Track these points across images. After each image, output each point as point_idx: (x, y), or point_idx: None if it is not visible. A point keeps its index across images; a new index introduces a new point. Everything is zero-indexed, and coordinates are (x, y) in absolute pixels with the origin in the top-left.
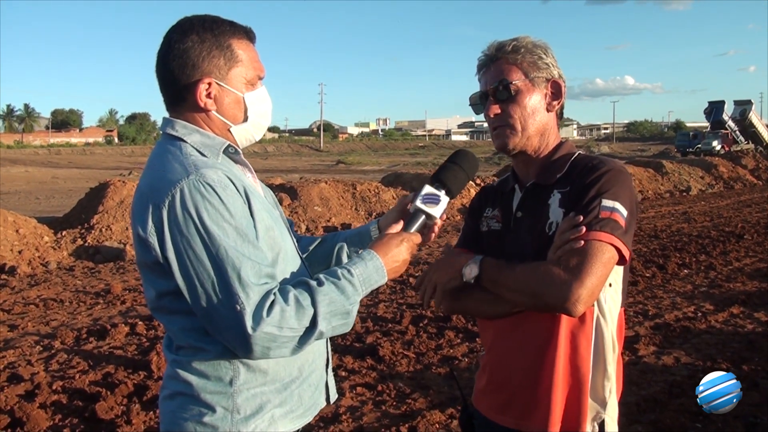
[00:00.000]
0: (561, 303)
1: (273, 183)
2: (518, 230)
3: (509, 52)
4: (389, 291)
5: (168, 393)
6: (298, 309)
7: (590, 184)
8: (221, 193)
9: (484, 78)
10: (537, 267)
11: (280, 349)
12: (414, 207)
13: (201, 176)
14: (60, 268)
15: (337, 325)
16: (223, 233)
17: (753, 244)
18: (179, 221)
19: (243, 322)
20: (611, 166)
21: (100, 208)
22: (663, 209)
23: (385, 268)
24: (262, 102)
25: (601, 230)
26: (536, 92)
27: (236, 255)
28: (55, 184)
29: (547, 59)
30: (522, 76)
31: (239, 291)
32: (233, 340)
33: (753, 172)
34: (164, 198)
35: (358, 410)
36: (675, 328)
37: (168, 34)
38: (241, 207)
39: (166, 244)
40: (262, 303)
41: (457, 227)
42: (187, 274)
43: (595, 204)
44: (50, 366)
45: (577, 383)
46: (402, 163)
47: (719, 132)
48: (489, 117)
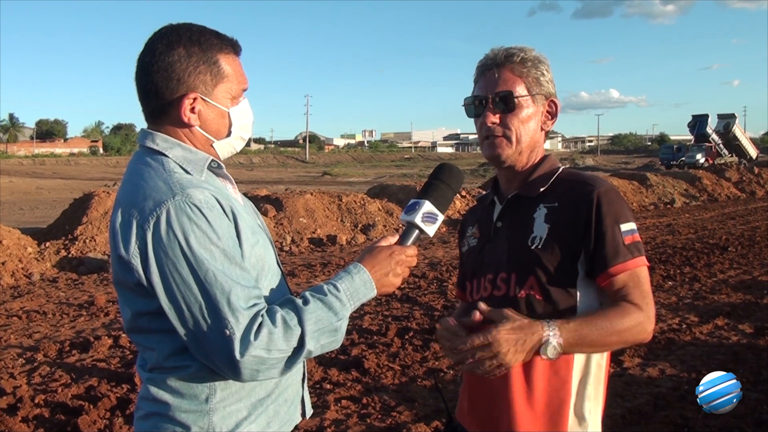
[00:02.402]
0: (645, 339)
1: (258, 194)
2: (497, 240)
3: (516, 62)
4: (375, 303)
5: (142, 414)
6: (285, 330)
7: (599, 212)
8: (208, 215)
9: (484, 81)
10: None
11: (269, 371)
12: (410, 222)
13: (187, 197)
14: (43, 280)
15: (326, 343)
16: (210, 256)
17: (737, 256)
18: (164, 244)
19: (232, 347)
20: (605, 186)
21: (84, 219)
22: (647, 221)
23: (374, 281)
24: (245, 116)
25: (636, 256)
26: (535, 108)
27: (224, 279)
28: (39, 195)
29: (548, 75)
30: (525, 90)
31: (228, 315)
32: (221, 364)
33: (737, 185)
34: (149, 218)
35: (343, 423)
36: (660, 340)
37: (152, 43)
38: (227, 228)
39: (151, 267)
40: (250, 326)
41: (443, 239)
42: (173, 298)
43: (617, 233)
44: (33, 379)
45: (558, 404)
46: (388, 174)
47: (703, 145)
48: (484, 124)
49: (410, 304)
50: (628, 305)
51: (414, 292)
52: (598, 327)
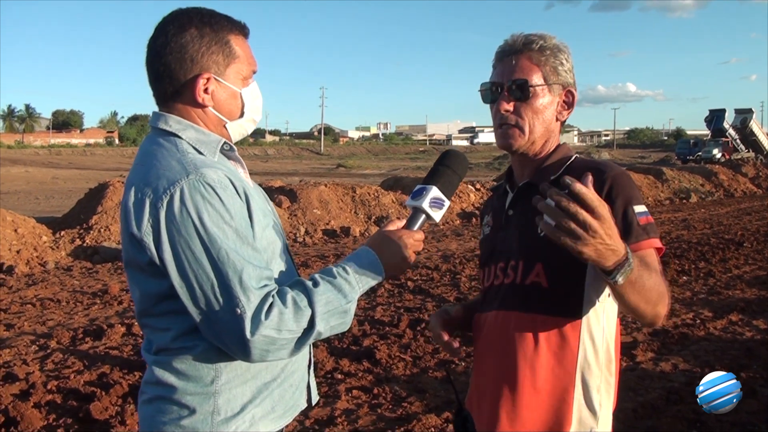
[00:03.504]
0: (662, 314)
1: (273, 185)
2: (509, 228)
3: (535, 50)
4: (387, 294)
5: (147, 397)
6: (296, 311)
7: (610, 195)
8: (221, 194)
9: (501, 68)
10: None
11: (278, 352)
12: (417, 207)
13: (201, 176)
14: (58, 268)
15: (335, 325)
16: (223, 235)
17: (752, 251)
18: (178, 222)
19: (242, 326)
20: (616, 170)
21: (99, 208)
22: (663, 216)
23: (382, 264)
24: (256, 97)
25: (652, 237)
26: (551, 98)
27: (237, 258)
28: (54, 185)
29: (567, 65)
30: (542, 79)
31: (240, 294)
32: (231, 343)
33: (753, 181)
34: (162, 197)
35: (354, 413)
36: (673, 335)
37: (163, 26)
38: (240, 208)
39: (163, 245)
40: (261, 306)
41: (457, 231)
42: (185, 276)
43: (630, 213)
44: (45, 366)
45: (560, 396)
46: (402, 167)
47: (720, 140)
48: (498, 112)
49: (423, 296)
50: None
51: (427, 284)
52: (653, 278)
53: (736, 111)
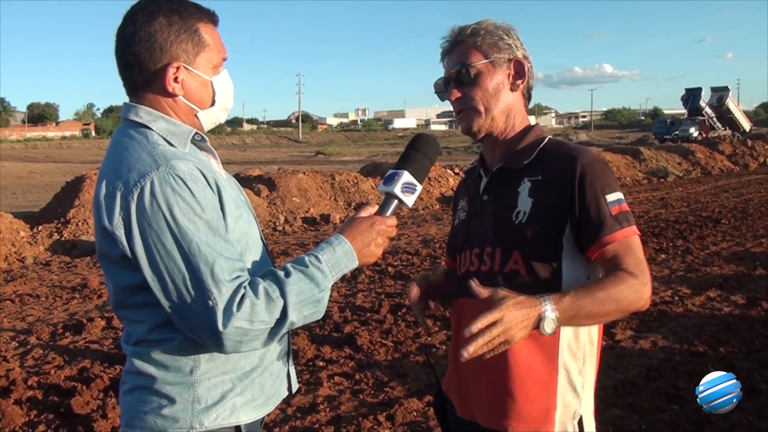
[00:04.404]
0: (643, 307)
1: (251, 174)
2: (483, 214)
3: (469, 36)
4: (368, 280)
5: (127, 388)
6: (268, 302)
7: (582, 184)
8: (192, 187)
9: (446, 63)
10: (610, 284)
11: (251, 343)
12: (389, 192)
13: (171, 168)
14: (36, 263)
15: (308, 314)
16: (194, 228)
17: (730, 228)
18: (149, 215)
19: (215, 318)
20: (588, 157)
21: (76, 202)
22: (641, 195)
23: (355, 251)
24: (227, 85)
25: (625, 226)
26: (498, 73)
27: (208, 251)
28: (31, 179)
29: (509, 40)
30: (482, 58)
31: (212, 287)
32: (204, 335)
33: (730, 158)
34: (133, 190)
35: (336, 399)
36: (652, 312)
37: (131, 15)
38: (212, 200)
39: (134, 238)
40: (233, 298)
41: (436, 216)
42: (157, 269)
43: (602, 204)
44: (26, 362)
45: (544, 380)
46: (381, 153)
47: (696, 119)
48: (452, 101)
49: (403, 281)
50: (623, 273)
51: (407, 269)
52: (595, 297)
53: (713, 89)
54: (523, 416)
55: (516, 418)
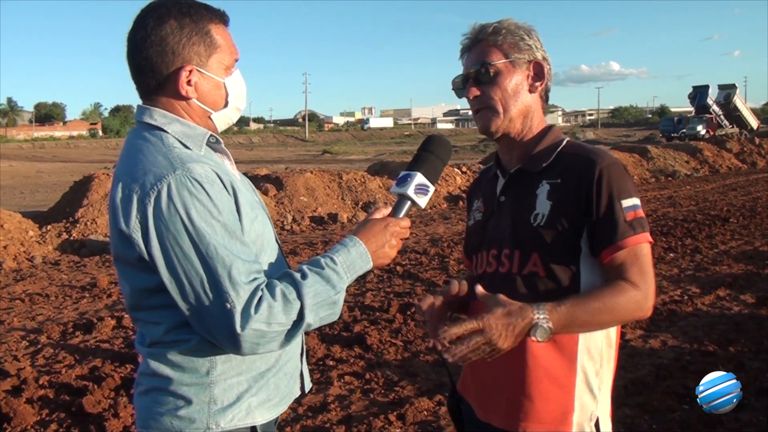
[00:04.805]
0: (643, 317)
1: (258, 174)
2: (500, 215)
3: (490, 34)
4: (377, 280)
5: (142, 389)
6: (285, 304)
7: (599, 188)
8: (209, 189)
9: (465, 61)
10: (608, 295)
11: (268, 344)
12: (402, 194)
13: (188, 171)
14: (45, 263)
15: (324, 316)
16: (211, 230)
17: (738, 227)
18: (165, 218)
19: (233, 321)
20: (607, 161)
21: (84, 201)
22: (648, 194)
23: (369, 253)
24: (239, 86)
25: (638, 233)
26: (517, 73)
27: (225, 253)
28: (39, 179)
29: (530, 41)
30: (502, 58)
31: (229, 289)
32: (222, 337)
33: (738, 156)
34: (150, 193)
35: (347, 399)
36: (662, 312)
37: (141, 18)
38: (228, 202)
39: (152, 241)
40: (251, 300)
41: (444, 215)
42: (174, 272)
43: (617, 209)
44: (36, 361)
45: (562, 382)
46: (388, 152)
47: (704, 116)
48: (470, 99)
49: (412, 281)
50: (624, 283)
51: (416, 269)
52: (590, 308)
53: (720, 87)
54: (540, 418)
55: (533, 419)
